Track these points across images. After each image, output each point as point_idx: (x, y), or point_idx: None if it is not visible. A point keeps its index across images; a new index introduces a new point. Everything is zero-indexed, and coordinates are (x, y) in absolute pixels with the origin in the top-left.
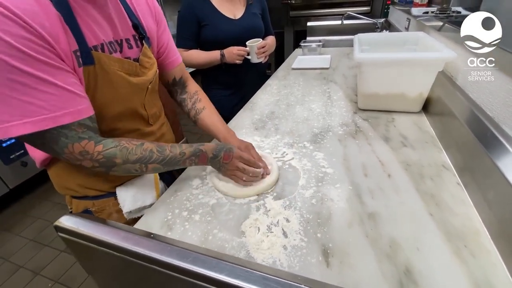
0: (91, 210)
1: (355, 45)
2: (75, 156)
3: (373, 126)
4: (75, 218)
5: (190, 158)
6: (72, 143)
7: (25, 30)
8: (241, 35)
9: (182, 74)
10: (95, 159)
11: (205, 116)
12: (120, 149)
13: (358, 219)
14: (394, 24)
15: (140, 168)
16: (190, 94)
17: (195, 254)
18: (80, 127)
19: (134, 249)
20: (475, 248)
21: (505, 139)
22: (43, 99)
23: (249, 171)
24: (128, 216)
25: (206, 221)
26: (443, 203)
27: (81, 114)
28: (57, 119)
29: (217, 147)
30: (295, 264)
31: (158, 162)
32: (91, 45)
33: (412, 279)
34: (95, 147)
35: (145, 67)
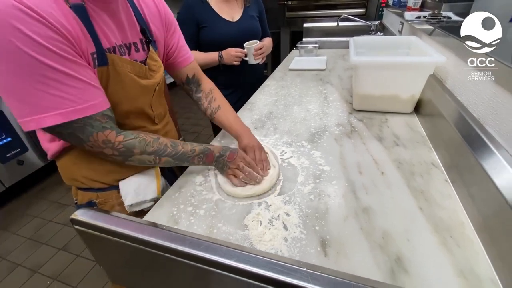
0: (95, 201)
1: (351, 48)
2: (98, 144)
3: (367, 126)
4: (89, 212)
5: (199, 156)
6: (96, 132)
7: (52, 31)
8: (239, 37)
9: (194, 72)
10: (116, 148)
11: (221, 115)
12: (139, 141)
13: (354, 213)
14: (388, 27)
15: (154, 160)
16: (205, 93)
17: (206, 243)
18: (103, 118)
19: (149, 239)
20: (460, 239)
21: (488, 139)
22: (71, 93)
23: (246, 171)
24: (130, 209)
25: (211, 216)
26: (432, 198)
27: (103, 106)
28: (84, 110)
29: (223, 148)
30: (295, 254)
31: (171, 156)
32: (105, 47)
33: (402, 267)
34: (117, 137)
35: (153, 70)
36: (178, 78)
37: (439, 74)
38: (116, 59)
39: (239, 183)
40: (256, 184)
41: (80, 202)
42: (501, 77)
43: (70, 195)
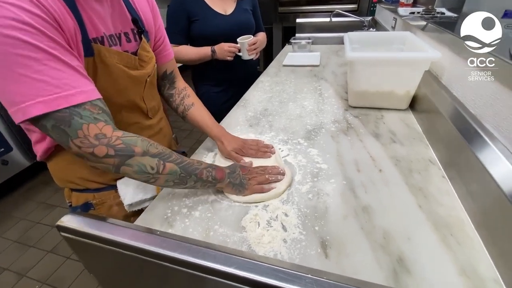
0: (91, 202)
1: (346, 44)
2: (89, 140)
3: (363, 123)
4: (78, 217)
5: (207, 169)
6: (87, 124)
7: (37, 7)
8: (232, 31)
9: (173, 68)
10: (112, 144)
11: (195, 112)
12: (141, 139)
13: (353, 212)
14: (381, 23)
15: (157, 165)
16: (178, 90)
17: (204, 249)
18: (94, 107)
19: (144, 246)
20: (460, 236)
21: (485, 134)
22: (55, 76)
23: (268, 170)
24: (129, 208)
25: (207, 217)
26: (430, 195)
27: (93, 95)
28: (70, 97)
29: (229, 166)
30: (295, 257)
31: (177, 163)
32: (91, 37)
33: (404, 266)
34: (114, 131)
35: (144, 61)
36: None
37: (434, 70)
38: (103, 50)
39: (268, 187)
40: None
41: (75, 204)
42: (499, 72)
43: (58, 195)
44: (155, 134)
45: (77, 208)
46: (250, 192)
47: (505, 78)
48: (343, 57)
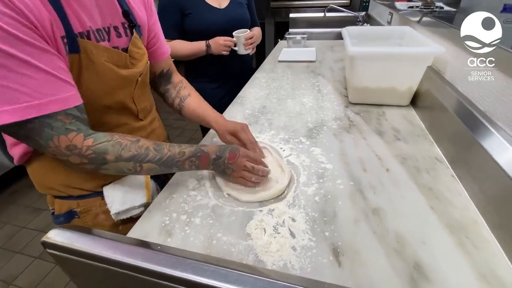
0: (75, 210)
1: (346, 39)
2: (61, 151)
3: (365, 120)
4: (66, 232)
5: (190, 160)
6: (58, 136)
7: (5, 5)
8: (226, 25)
9: (169, 66)
10: (84, 155)
11: (191, 101)
12: (112, 144)
13: (363, 215)
14: (375, 18)
15: (134, 167)
16: (174, 84)
17: (213, 267)
18: (67, 118)
19: (144, 265)
20: (476, 239)
21: (497, 131)
22: (25, 84)
23: (258, 170)
24: (116, 217)
25: (208, 225)
26: (442, 196)
27: (68, 103)
28: (42, 107)
29: (220, 148)
30: (306, 266)
31: (155, 161)
32: (76, 32)
33: (422, 273)
34: (84, 140)
35: (135, 58)
36: (151, 71)
37: (436, 66)
38: (90, 46)
39: (252, 186)
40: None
41: (58, 212)
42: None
43: (44, 199)
44: (146, 136)
45: (60, 217)
46: (233, 181)
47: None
48: (339, 53)
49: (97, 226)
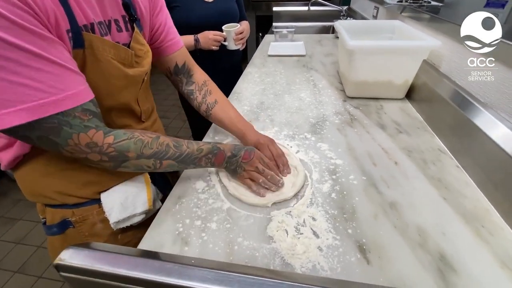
0: (70, 220)
1: (343, 32)
2: (80, 149)
3: (365, 114)
4: (82, 251)
5: (207, 156)
6: (77, 134)
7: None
8: (215, 19)
9: (185, 59)
10: (105, 152)
11: (219, 111)
12: (134, 142)
13: (382, 210)
14: (359, 12)
15: (154, 164)
16: (199, 86)
17: (260, 281)
18: (84, 114)
19: (179, 282)
20: (491, 227)
21: (499, 119)
22: (38, 78)
23: (267, 174)
24: (116, 226)
25: (226, 229)
26: (451, 186)
27: (84, 97)
28: (59, 103)
29: (236, 147)
30: (335, 266)
31: (174, 158)
32: (81, 24)
33: (448, 265)
34: (105, 138)
35: (139, 56)
36: (164, 66)
37: (431, 59)
38: (96, 41)
39: (257, 189)
40: (278, 188)
41: (50, 221)
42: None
43: (19, 207)
44: None
45: (52, 227)
46: (240, 181)
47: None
48: (327, 47)
49: (94, 236)
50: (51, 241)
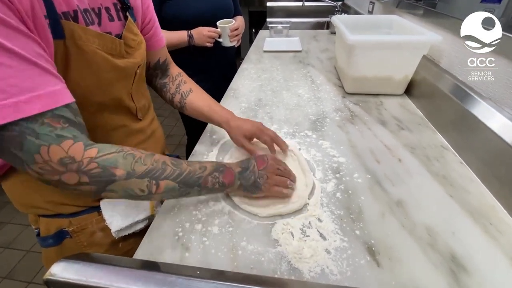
0: (67, 230)
1: (342, 27)
2: (52, 167)
3: (365, 110)
4: (75, 265)
5: (213, 175)
6: (47, 146)
7: None
8: (209, 14)
9: (166, 56)
10: (84, 170)
11: (195, 98)
12: (124, 156)
13: (388, 209)
14: (353, 7)
15: (149, 186)
16: (172, 77)
17: None
18: (56, 120)
19: None
20: (498, 224)
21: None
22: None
23: (289, 172)
24: (118, 235)
25: (228, 233)
26: (456, 183)
27: (56, 100)
28: (21, 106)
29: (241, 161)
30: (345, 269)
31: (173, 178)
32: (60, 12)
33: (460, 265)
34: (86, 151)
35: (131, 47)
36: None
37: (430, 54)
38: (78, 30)
39: (288, 194)
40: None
41: (45, 233)
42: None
43: (6, 211)
44: (146, 139)
45: (48, 239)
46: (266, 193)
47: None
48: (323, 42)
49: (93, 246)
50: (46, 253)
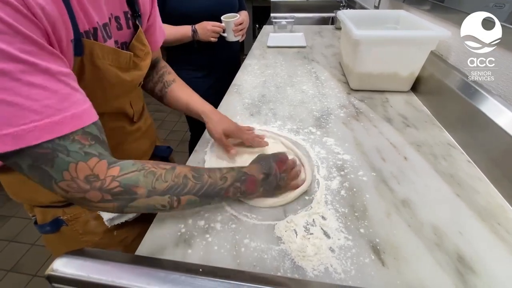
0: (62, 218)
1: (348, 22)
2: (78, 184)
3: (371, 107)
4: (76, 261)
5: (234, 185)
6: (75, 163)
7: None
8: (213, 9)
9: (159, 54)
10: (107, 189)
11: (177, 88)
12: (144, 174)
13: (394, 207)
14: (358, 2)
15: (170, 202)
16: (158, 68)
17: None
18: (85, 138)
19: None
20: (507, 224)
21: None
22: (32, 96)
23: (295, 161)
24: (110, 223)
25: (231, 230)
26: (464, 182)
27: (85, 119)
28: (54, 127)
29: (261, 165)
30: (349, 268)
31: (194, 192)
32: (82, 31)
33: (467, 266)
34: (109, 170)
35: (138, 57)
36: None
37: (438, 50)
38: (96, 48)
39: (300, 180)
40: None
41: (42, 221)
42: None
43: (11, 204)
44: (140, 137)
45: (45, 226)
46: (284, 191)
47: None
48: (327, 38)
49: (88, 233)
50: (46, 238)
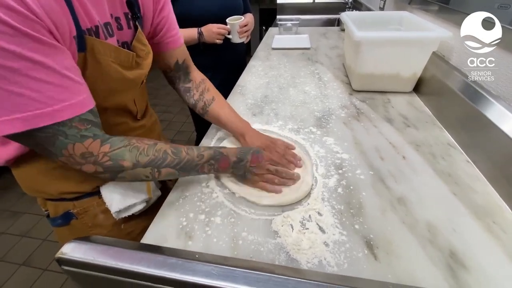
0: (72, 212)
1: (350, 23)
2: (75, 159)
3: (372, 108)
4: (84, 245)
5: (209, 162)
6: (72, 143)
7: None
8: (219, 12)
9: (185, 57)
10: (99, 162)
11: (216, 108)
12: (129, 149)
13: (390, 205)
14: (364, 4)
15: (151, 173)
16: (196, 83)
17: (266, 276)
18: (82, 123)
19: (182, 278)
20: (503, 223)
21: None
22: (36, 88)
23: (281, 172)
24: (118, 216)
25: (230, 224)
26: (462, 181)
27: (83, 107)
28: (55, 114)
29: (241, 150)
30: (342, 261)
31: (173, 166)
32: (84, 28)
33: (459, 261)
34: (101, 147)
35: (140, 56)
36: (163, 62)
37: (440, 51)
38: (98, 45)
39: (273, 189)
40: (295, 181)
41: (54, 214)
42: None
43: (24, 200)
44: (144, 134)
45: (57, 219)
46: (252, 185)
47: None
48: (332, 39)
49: (97, 227)
50: (58, 231)
